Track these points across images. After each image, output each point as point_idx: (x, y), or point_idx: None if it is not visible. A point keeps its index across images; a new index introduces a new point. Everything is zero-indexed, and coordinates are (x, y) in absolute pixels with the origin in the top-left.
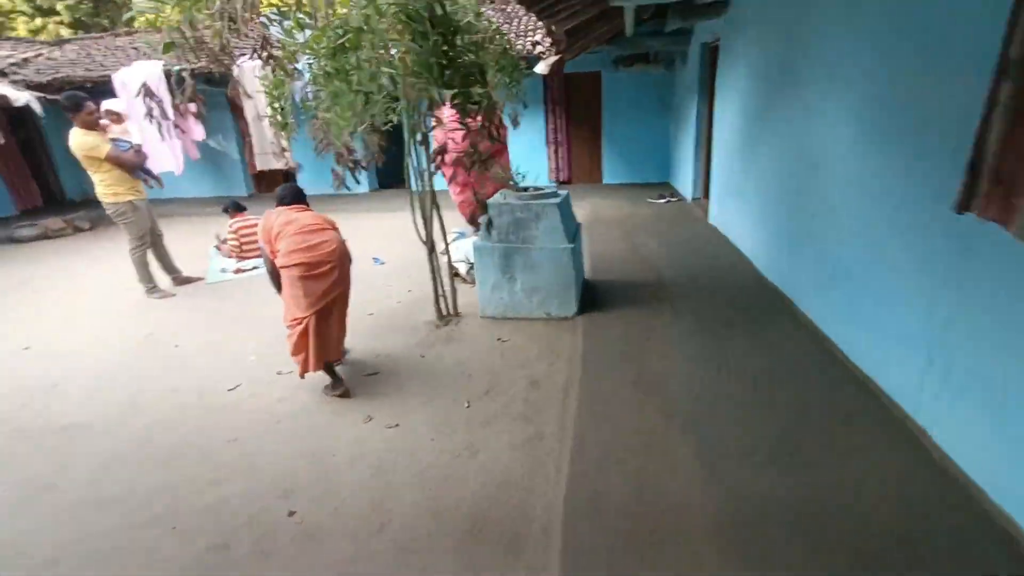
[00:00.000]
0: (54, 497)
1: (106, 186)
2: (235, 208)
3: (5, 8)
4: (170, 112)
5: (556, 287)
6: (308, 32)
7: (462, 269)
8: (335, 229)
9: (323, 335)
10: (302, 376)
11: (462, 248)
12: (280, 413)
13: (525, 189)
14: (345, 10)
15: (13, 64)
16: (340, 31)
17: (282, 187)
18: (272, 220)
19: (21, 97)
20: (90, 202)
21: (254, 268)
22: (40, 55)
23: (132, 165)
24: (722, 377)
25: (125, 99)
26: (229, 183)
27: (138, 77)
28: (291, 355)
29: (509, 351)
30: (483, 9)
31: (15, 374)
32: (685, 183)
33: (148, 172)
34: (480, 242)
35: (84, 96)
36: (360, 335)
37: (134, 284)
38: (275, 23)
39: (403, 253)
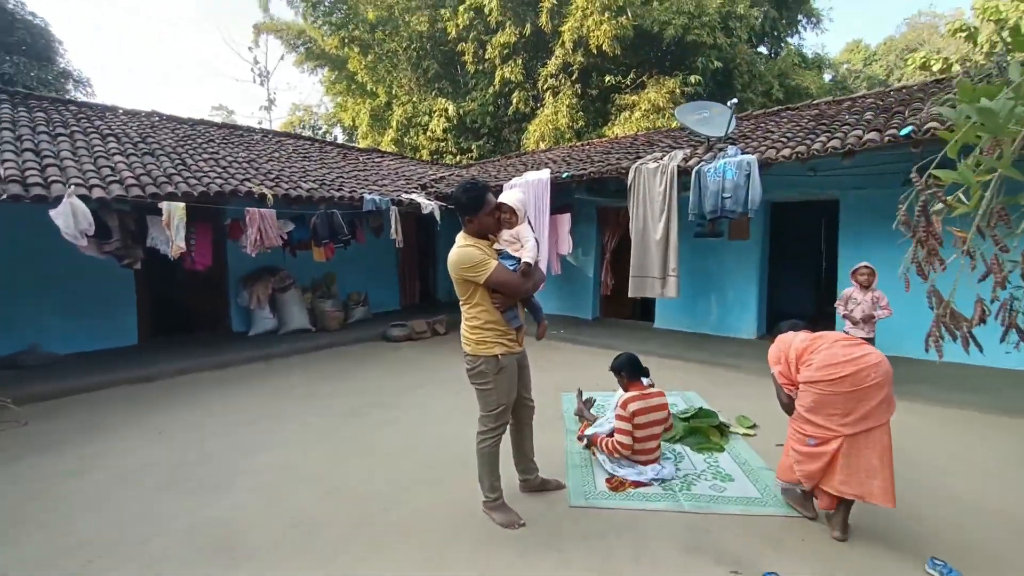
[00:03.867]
0: None
1: (471, 327)
2: (631, 373)
3: (441, 148)
4: (546, 221)
5: None
6: None
7: None
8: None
9: (857, 464)
10: (802, 487)
11: None
12: None
13: None
14: None
15: (433, 180)
16: None
17: (789, 321)
18: (789, 340)
19: (429, 205)
20: (453, 304)
21: (652, 482)
22: (452, 174)
23: (517, 291)
24: None
25: (522, 191)
26: (575, 302)
27: (528, 182)
28: (781, 474)
29: None
30: None
31: None
32: None
33: (536, 310)
34: None
35: (485, 187)
36: None
37: (472, 472)
38: None
39: None
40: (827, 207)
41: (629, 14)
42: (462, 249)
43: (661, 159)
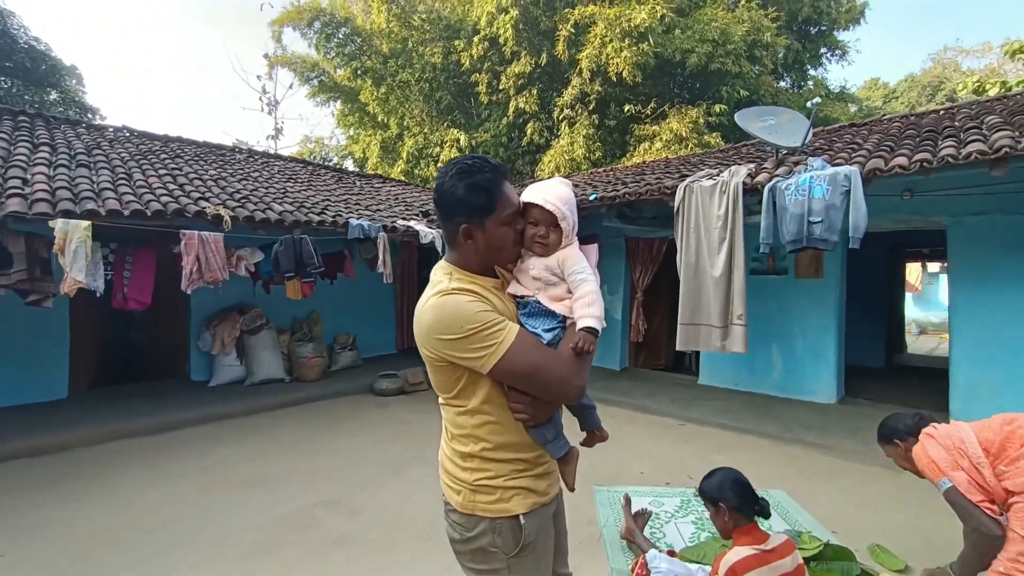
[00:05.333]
0: None
1: (461, 456)
2: (741, 508)
3: None
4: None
5: None
6: None
7: None
8: None
9: None
10: None
11: None
12: None
13: None
14: None
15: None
16: None
17: (911, 415)
18: (954, 433)
19: (428, 234)
20: None
21: None
22: None
23: (560, 387)
24: None
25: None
26: (600, 350)
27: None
28: None
29: None
30: None
31: None
32: None
33: (584, 411)
34: None
35: (501, 170)
36: None
37: None
38: None
39: None
40: (891, 238)
41: (651, 41)
42: (445, 299)
43: (718, 175)
